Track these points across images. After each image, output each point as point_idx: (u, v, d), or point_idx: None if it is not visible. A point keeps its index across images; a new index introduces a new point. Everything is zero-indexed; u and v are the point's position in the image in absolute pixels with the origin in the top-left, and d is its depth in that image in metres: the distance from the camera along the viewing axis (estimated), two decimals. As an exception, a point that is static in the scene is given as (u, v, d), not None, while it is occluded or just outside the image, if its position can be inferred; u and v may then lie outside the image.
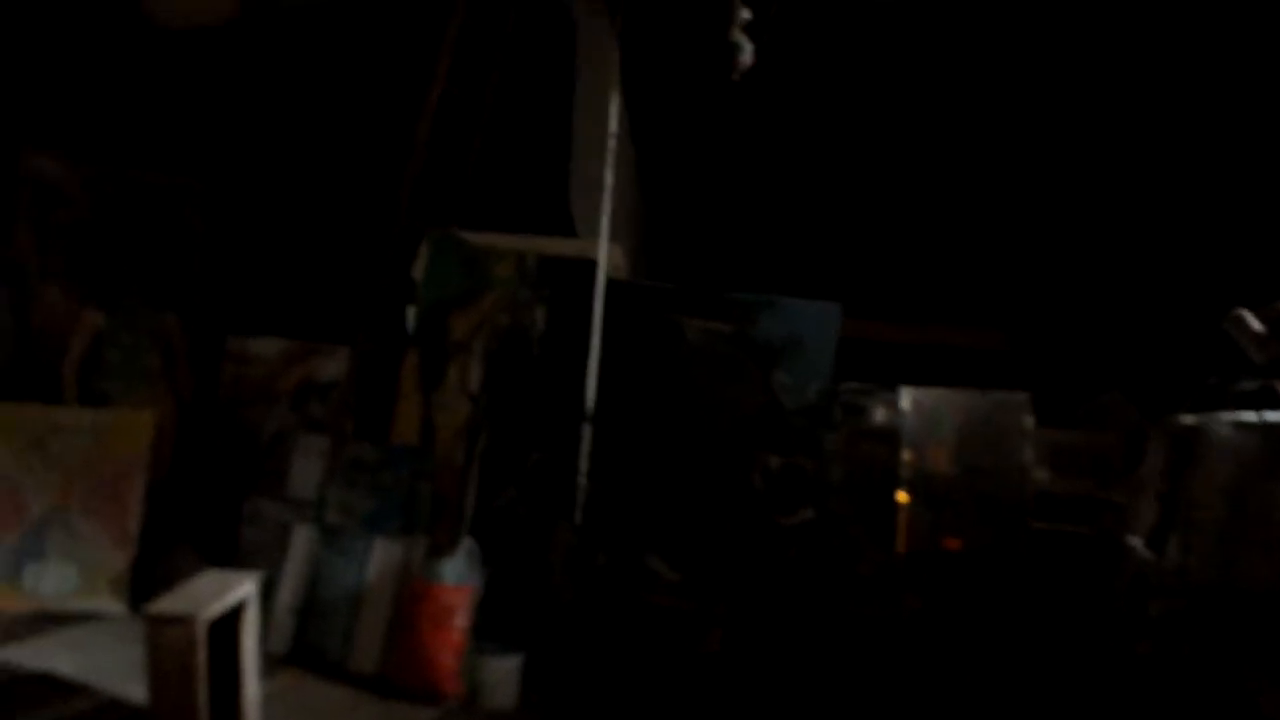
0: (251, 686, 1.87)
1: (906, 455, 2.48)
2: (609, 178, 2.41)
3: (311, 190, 2.98)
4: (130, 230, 3.07)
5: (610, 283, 2.47)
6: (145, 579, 2.57)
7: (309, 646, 2.32)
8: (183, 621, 1.64)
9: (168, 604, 1.69)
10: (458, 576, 2.16)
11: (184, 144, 3.10)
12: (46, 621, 2.48)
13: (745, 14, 2.15)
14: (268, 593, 2.44)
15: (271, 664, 2.31)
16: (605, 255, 2.45)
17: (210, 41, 3.04)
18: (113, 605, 2.52)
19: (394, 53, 2.80)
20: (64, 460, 2.61)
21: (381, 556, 2.34)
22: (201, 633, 1.65)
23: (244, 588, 1.84)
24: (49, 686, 2.04)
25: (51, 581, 2.53)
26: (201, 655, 1.64)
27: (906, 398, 2.54)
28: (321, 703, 2.13)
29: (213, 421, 2.82)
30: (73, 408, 2.72)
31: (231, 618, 1.81)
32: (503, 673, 2.17)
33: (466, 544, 2.20)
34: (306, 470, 2.54)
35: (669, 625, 2.28)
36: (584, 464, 2.35)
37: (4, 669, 2.10)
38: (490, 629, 2.24)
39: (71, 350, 2.94)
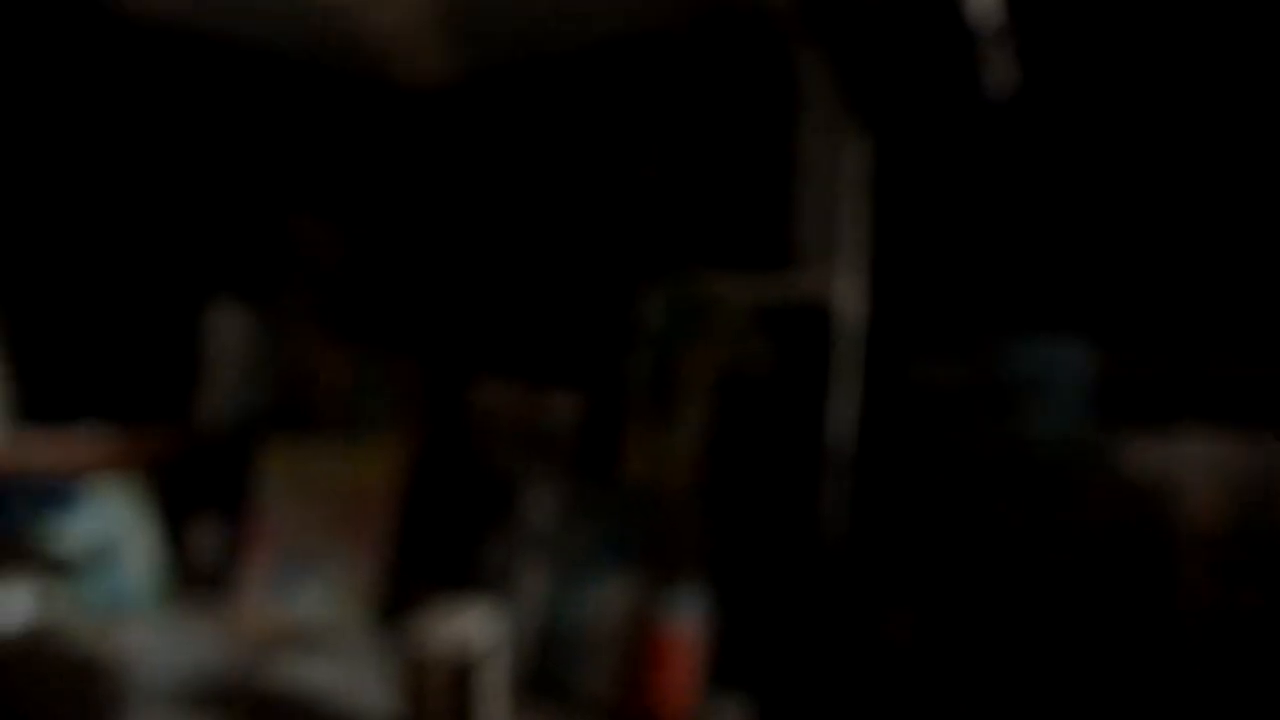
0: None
1: (1173, 507, 2.26)
2: (841, 210, 2.39)
3: (537, 238, 3.13)
4: (375, 280, 3.37)
5: (842, 321, 2.43)
6: (393, 603, 2.76)
7: (543, 677, 2.37)
8: (445, 661, 1.71)
9: (426, 639, 1.78)
10: (688, 614, 2.14)
11: (420, 199, 3.34)
12: (304, 639, 2.68)
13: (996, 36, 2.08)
14: (508, 626, 2.54)
15: (512, 697, 2.38)
16: (838, 292, 2.41)
17: (444, 101, 3.29)
18: (365, 625, 2.70)
19: (614, 96, 2.92)
20: (322, 488, 2.84)
21: (612, 592, 2.36)
22: (460, 673, 1.72)
23: (495, 622, 1.92)
24: (304, 702, 2.19)
25: (309, 602, 2.73)
26: (454, 701, 1.71)
27: (1169, 443, 2.33)
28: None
29: (448, 460, 2.98)
30: (329, 440, 2.97)
31: (479, 649, 1.89)
32: (736, 715, 2.13)
33: (699, 581, 2.19)
34: (538, 508, 2.62)
35: (912, 676, 2.16)
36: (822, 506, 2.29)
37: (263, 684, 2.28)
38: (724, 669, 2.20)
39: (325, 389, 3.23)
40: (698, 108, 2.75)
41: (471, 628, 1.84)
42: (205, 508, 2.88)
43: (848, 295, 2.41)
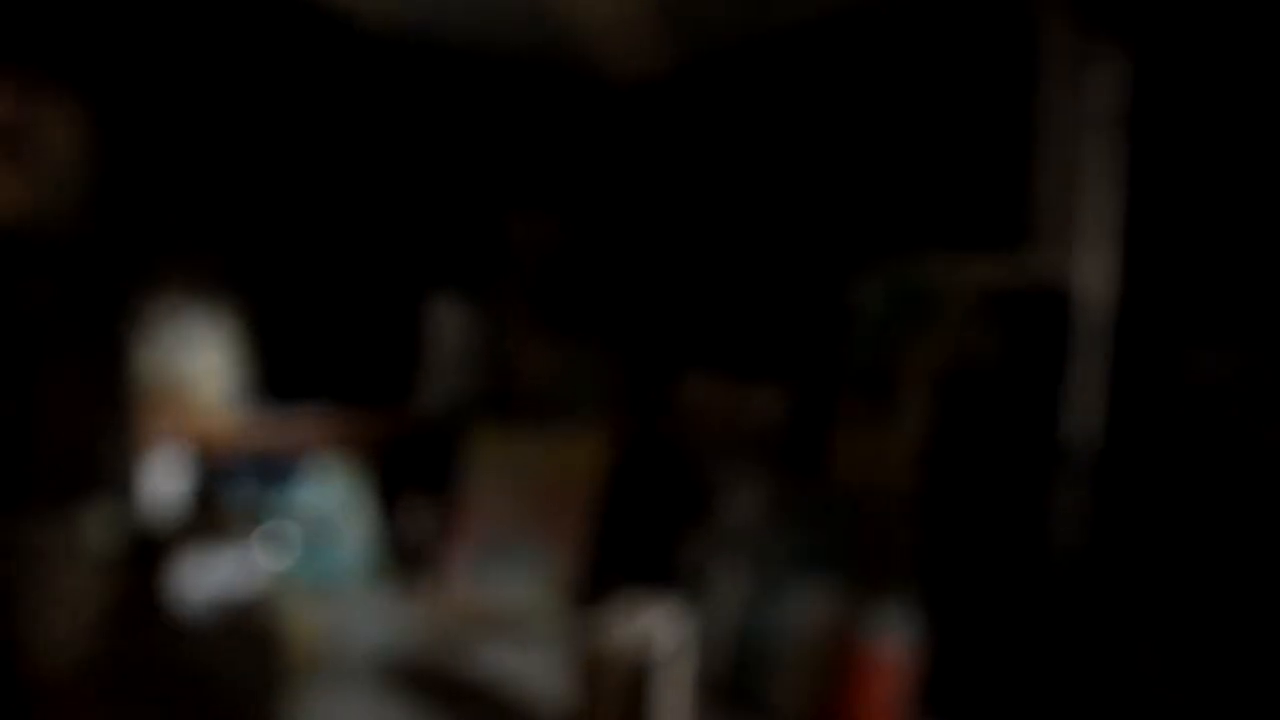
0: None
1: None
2: (1084, 178, 2.06)
3: (748, 225, 2.98)
4: (586, 274, 3.37)
5: (1084, 306, 2.10)
6: (589, 595, 2.71)
7: (736, 687, 2.21)
8: (615, 660, 1.61)
9: (606, 636, 1.68)
10: (898, 632, 1.90)
11: (631, 192, 3.30)
12: (500, 623, 2.69)
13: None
14: (697, 629, 2.41)
15: (699, 704, 2.25)
16: (1080, 273, 2.08)
17: (656, 93, 3.23)
18: (560, 614, 2.66)
19: (828, 71, 2.72)
20: (526, 477, 2.85)
21: (814, 602, 2.16)
22: (633, 672, 1.61)
23: (683, 623, 1.79)
24: (501, 697, 2.17)
25: (508, 587, 2.74)
26: (631, 700, 1.60)
27: None
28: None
29: (650, 455, 2.90)
30: (535, 430, 2.98)
31: (667, 652, 1.76)
32: (951, 753, 1.86)
33: (910, 595, 1.94)
34: (740, 507, 2.46)
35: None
36: (1057, 515, 1.97)
37: (453, 666, 2.28)
38: (935, 696, 1.94)
39: (534, 380, 3.26)
40: (918, 73, 2.50)
41: (656, 627, 1.72)
42: (417, 490, 2.97)
43: (1092, 276, 2.07)
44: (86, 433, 2.36)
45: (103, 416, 2.41)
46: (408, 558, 2.88)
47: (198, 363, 2.73)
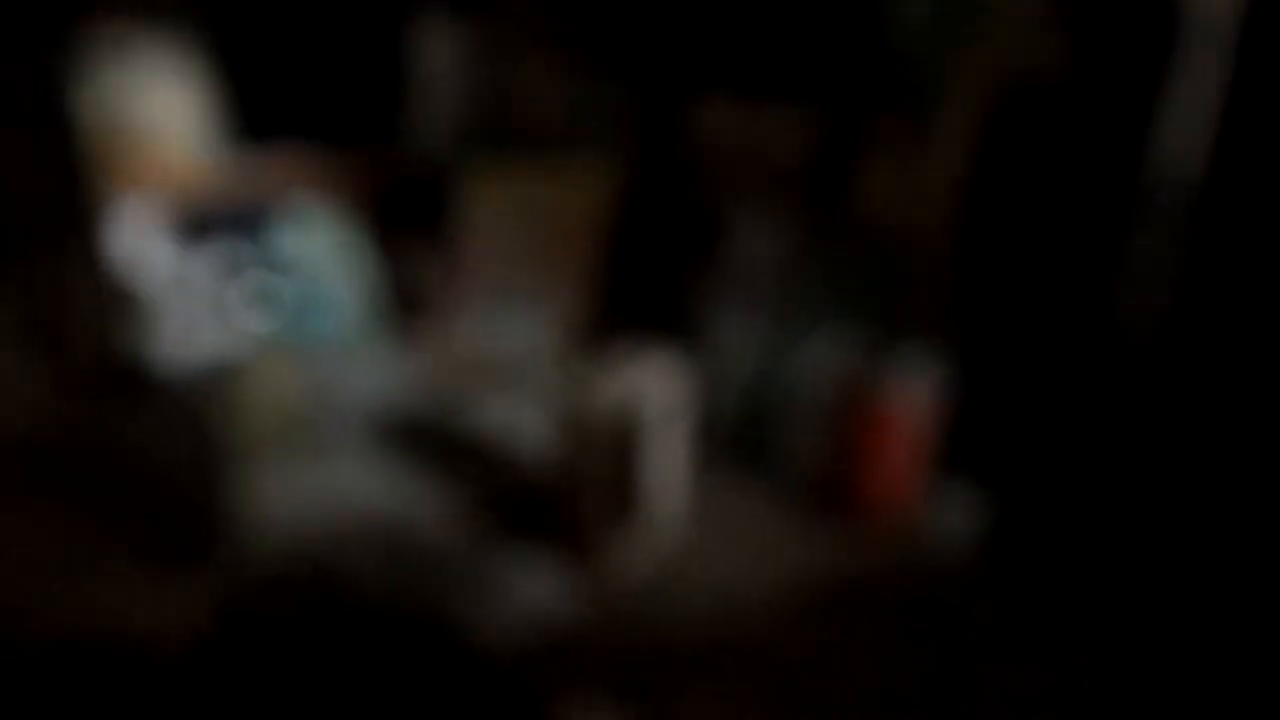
0: (675, 484, 1.68)
1: None
2: None
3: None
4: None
5: (1198, 4, 1.68)
6: (594, 344, 2.57)
7: (744, 443, 2.09)
8: (601, 414, 1.45)
9: (589, 391, 1.52)
10: (925, 387, 1.72)
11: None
12: (506, 377, 2.59)
13: None
14: (704, 379, 2.27)
15: (702, 458, 2.15)
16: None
17: None
18: (563, 362, 2.54)
19: None
20: (528, 218, 2.63)
21: (833, 352, 1.97)
22: (620, 427, 1.46)
23: (676, 376, 1.62)
24: (495, 452, 2.08)
25: (513, 337, 2.61)
26: (618, 454, 1.46)
27: None
28: (748, 509, 1.89)
29: (660, 191, 2.61)
30: (537, 166, 2.71)
31: (660, 406, 1.61)
32: (968, 512, 1.73)
33: (941, 347, 1.74)
34: (755, 248, 2.22)
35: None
36: (1131, 263, 1.70)
37: (449, 422, 2.19)
38: (960, 456, 1.79)
39: (535, 111, 2.93)
40: None
41: (647, 382, 1.55)
42: (411, 236, 2.76)
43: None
44: (29, 192, 2.15)
45: (46, 170, 2.19)
46: (403, 309, 2.74)
47: (159, 103, 2.45)
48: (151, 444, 1.51)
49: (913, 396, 1.71)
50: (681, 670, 1.37)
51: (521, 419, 2.21)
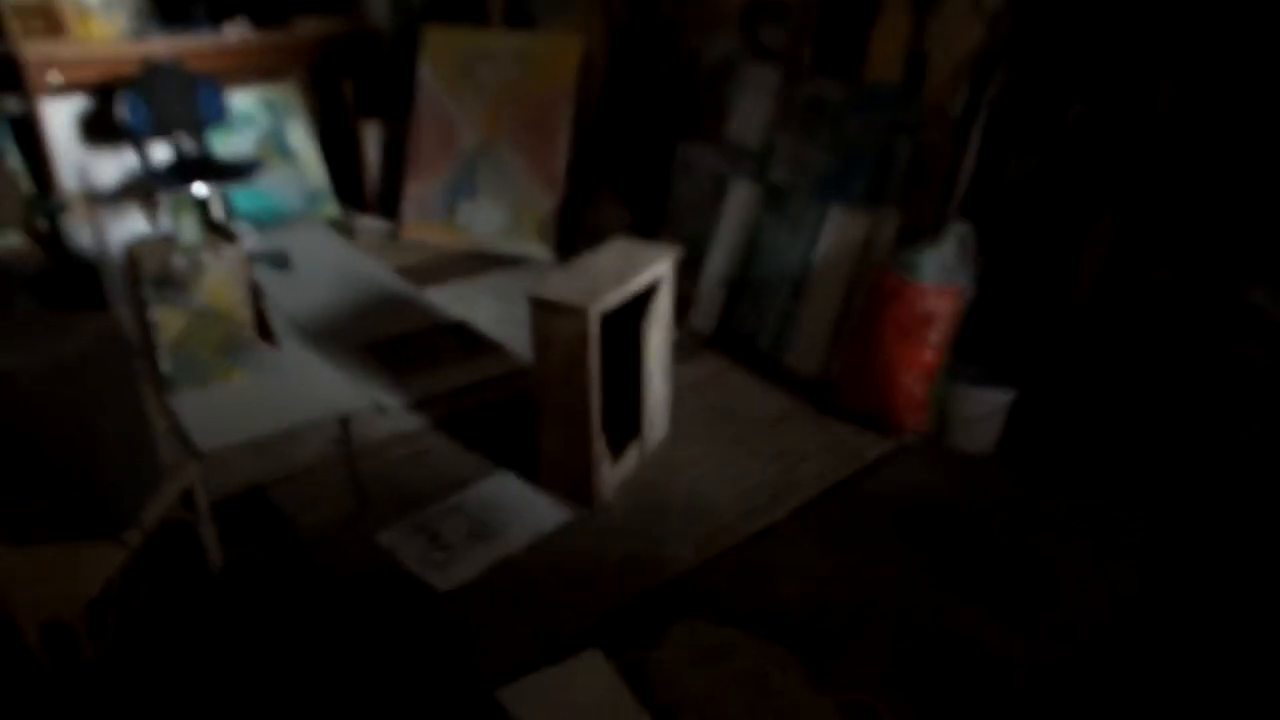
0: (658, 383, 1.49)
1: None
2: None
3: None
4: None
5: None
6: (569, 224, 2.35)
7: (738, 330, 1.90)
8: (574, 312, 1.25)
9: (561, 285, 1.31)
10: (941, 273, 1.52)
11: None
12: (474, 262, 2.37)
13: None
14: (695, 259, 2.06)
15: (693, 345, 1.97)
16: None
17: None
18: (538, 249, 2.33)
19: None
20: (493, 88, 2.35)
21: (838, 231, 1.77)
22: (595, 326, 1.26)
23: (657, 266, 1.41)
24: (462, 341, 1.88)
25: (481, 220, 2.37)
26: (593, 350, 1.27)
27: None
28: (743, 405, 1.71)
29: (646, 50, 2.34)
30: (501, 31, 2.42)
31: (646, 293, 1.41)
32: (984, 410, 1.57)
33: (959, 229, 1.54)
34: (752, 111, 1.99)
35: (1256, 390, 1.47)
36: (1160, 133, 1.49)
37: (429, 315, 1.98)
38: (976, 349, 1.62)
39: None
40: None
41: (628, 285, 1.34)
42: (367, 115, 2.49)
43: None
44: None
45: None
46: (361, 191, 2.49)
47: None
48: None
49: (936, 285, 1.52)
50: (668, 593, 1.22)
51: (482, 311, 2.01)
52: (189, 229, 1.66)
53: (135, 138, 2.08)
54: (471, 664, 1.09)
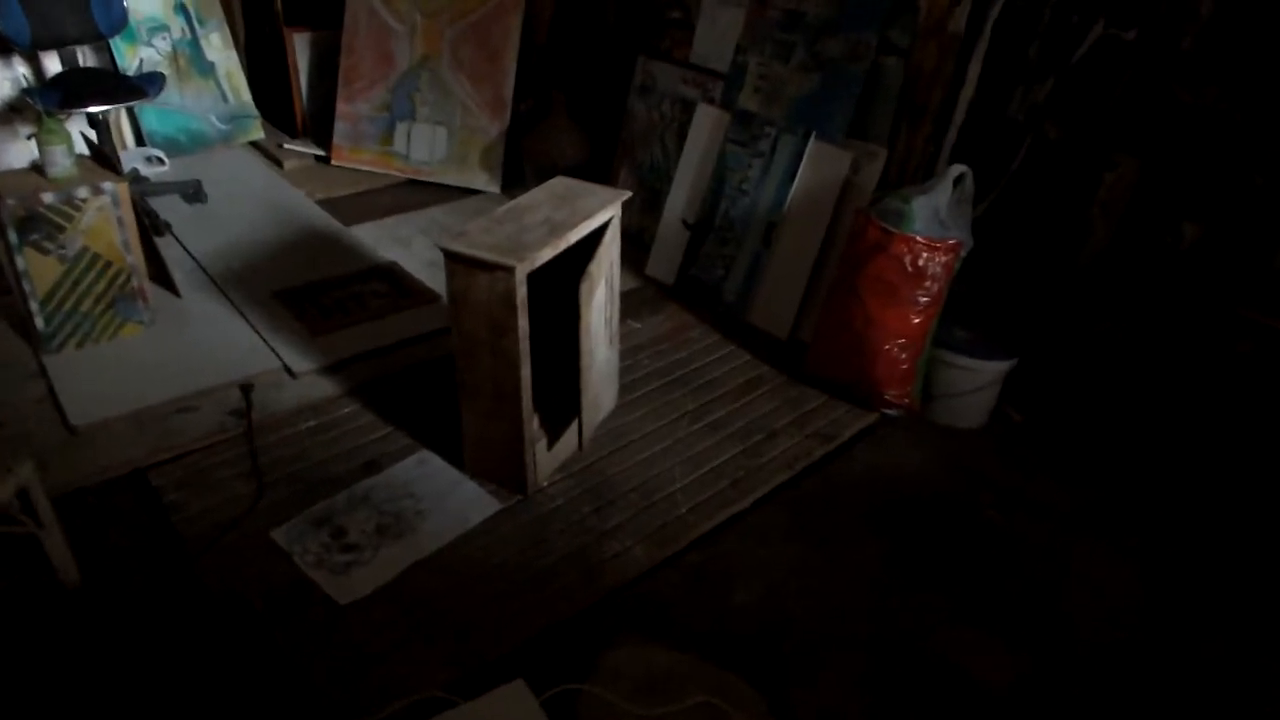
0: (602, 350, 1.29)
1: None
2: None
3: None
4: None
5: None
6: (516, 152, 2.10)
7: (702, 280, 1.69)
8: (497, 271, 1.04)
9: (484, 236, 1.09)
10: (933, 223, 1.32)
11: None
12: (411, 193, 2.12)
13: None
14: (654, 197, 1.84)
15: (652, 297, 1.76)
16: None
17: None
18: (482, 179, 2.10)
19: None
20: (433, 2, 2.08)
21: (815, 169, 1.56)
22: (522, 288, 1.05)
23: (603, 213, 1.19)
24: (392, 287, 1.65)
25: (421, 146, 2.13)
26: (521, 315, 1.06)
27: None
28: (704, 370, 1.52)
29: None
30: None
31: (589, 242, 1.20)
32: (977, 381, 1.39)
33: (954, 172, 1.33)
34: (718, 25, 1.74)
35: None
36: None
37: (357, 257, 1.75)
38: (971, 312, 1.43)
39: None
40: None
41: (566, 237, 1.13)
42: (299, 22, 2.21)
43: None
44: None
45: None
46: (291, 111, 2.21)
47: None
48: None
49: (928, 238, 1.31)
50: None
51: (418, 248, 1.79)
52: (60, 159, 1.42)
53: (16, 49, 1.81)
54: (368, 701, 0.92)
